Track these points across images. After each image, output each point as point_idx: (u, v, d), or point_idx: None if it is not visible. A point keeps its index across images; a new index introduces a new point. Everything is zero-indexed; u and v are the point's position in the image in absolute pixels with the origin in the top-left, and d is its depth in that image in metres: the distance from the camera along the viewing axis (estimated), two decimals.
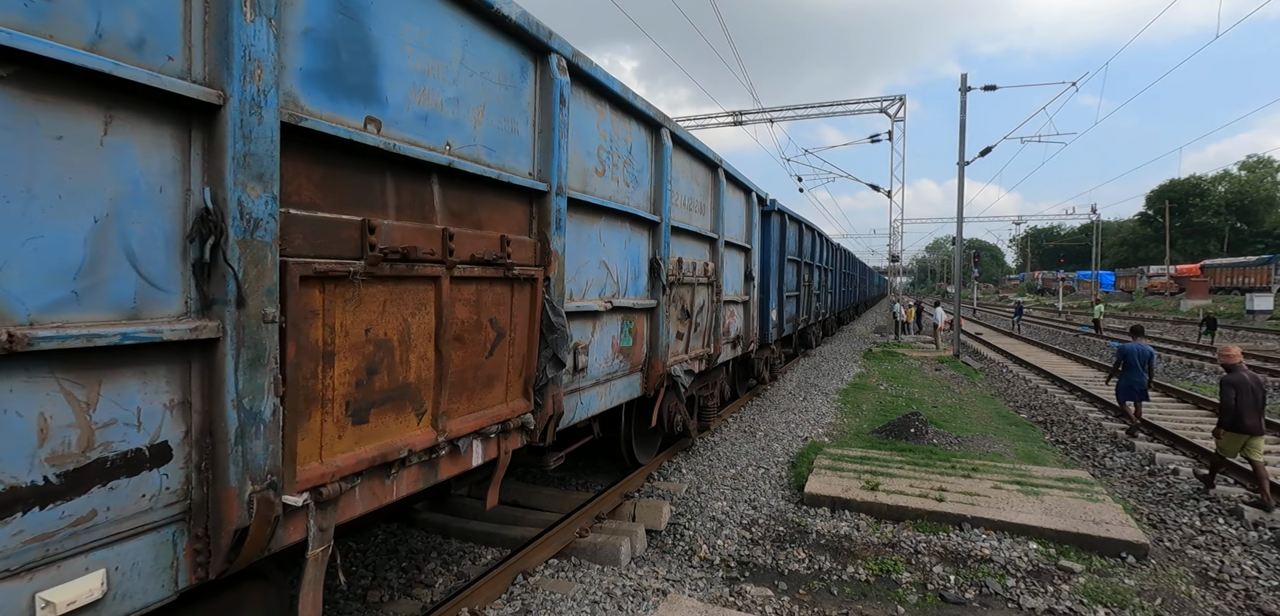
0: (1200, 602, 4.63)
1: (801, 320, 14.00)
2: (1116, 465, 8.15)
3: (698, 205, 6.83)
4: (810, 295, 15.03)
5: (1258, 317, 34.29)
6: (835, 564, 5.08)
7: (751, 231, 8.92)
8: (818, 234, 15.95)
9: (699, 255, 6.84)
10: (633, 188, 5.20)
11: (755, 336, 9.35)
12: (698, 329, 6.79)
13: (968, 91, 17.84)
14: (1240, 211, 64.55)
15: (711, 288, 7.07)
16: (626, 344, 5.24)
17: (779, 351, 12.73)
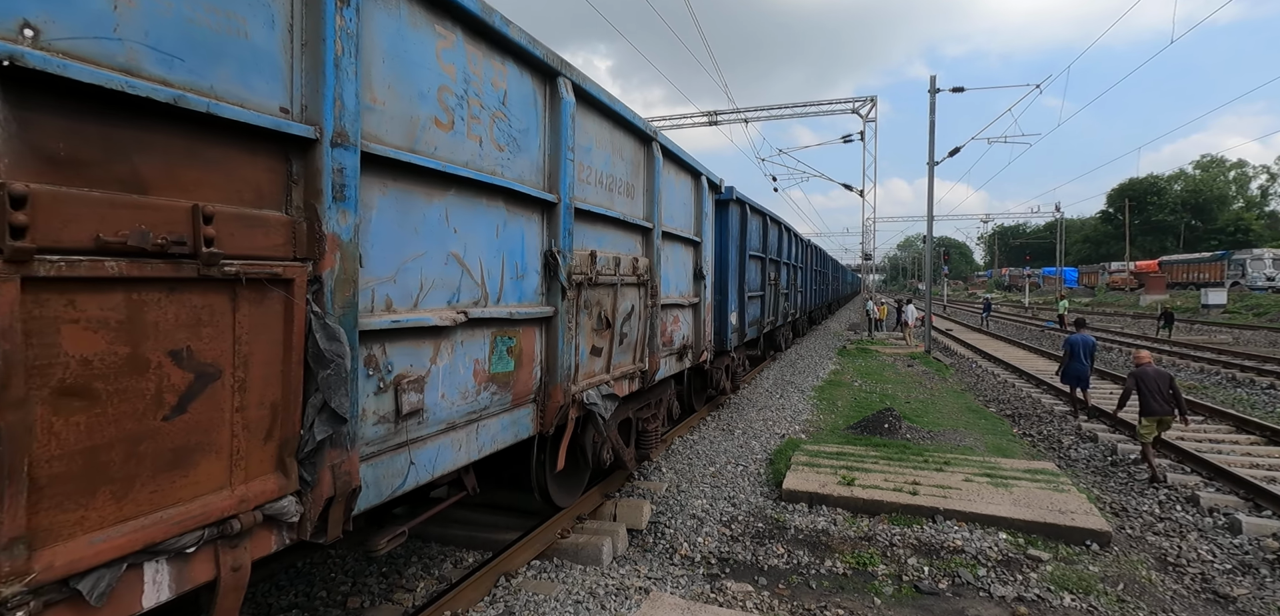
0: (1160, 587, 4.83)
1: (767, 322, 12.87)
2: (1081, 456, 8.42)
3: (623, 186, 5.34)
4: (777, 295, 13.82)
5: (1212, 311, 35.63)
6: (813, 558, 5.18)
7: (701, 222, 7.46)
8: (785, 228, 14.79)
9: (625, 248, 5.38)
10: (510, 153, 3.79)
11: (710, 343, 7.97)
12: (625, 341, 5.37)
13: (937, 93, 18.23)
14: (1195, 209, 66.97)
15: (644, 289, 5.70)
16: (503, 368, 3.82)
17: (741, 357, 11.28)
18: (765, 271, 12.24)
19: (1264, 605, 4.60)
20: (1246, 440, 8.95)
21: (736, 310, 10.04)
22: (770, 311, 13.11)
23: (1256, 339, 24.21)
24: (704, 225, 7.59)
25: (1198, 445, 8.57)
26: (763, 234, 12.00)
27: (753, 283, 11.13)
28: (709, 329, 7.93)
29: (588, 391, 4.71)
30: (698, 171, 7.39)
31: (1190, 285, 48.02)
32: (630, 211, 5.50)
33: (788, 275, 15.51)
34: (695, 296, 7.40)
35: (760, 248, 11.76)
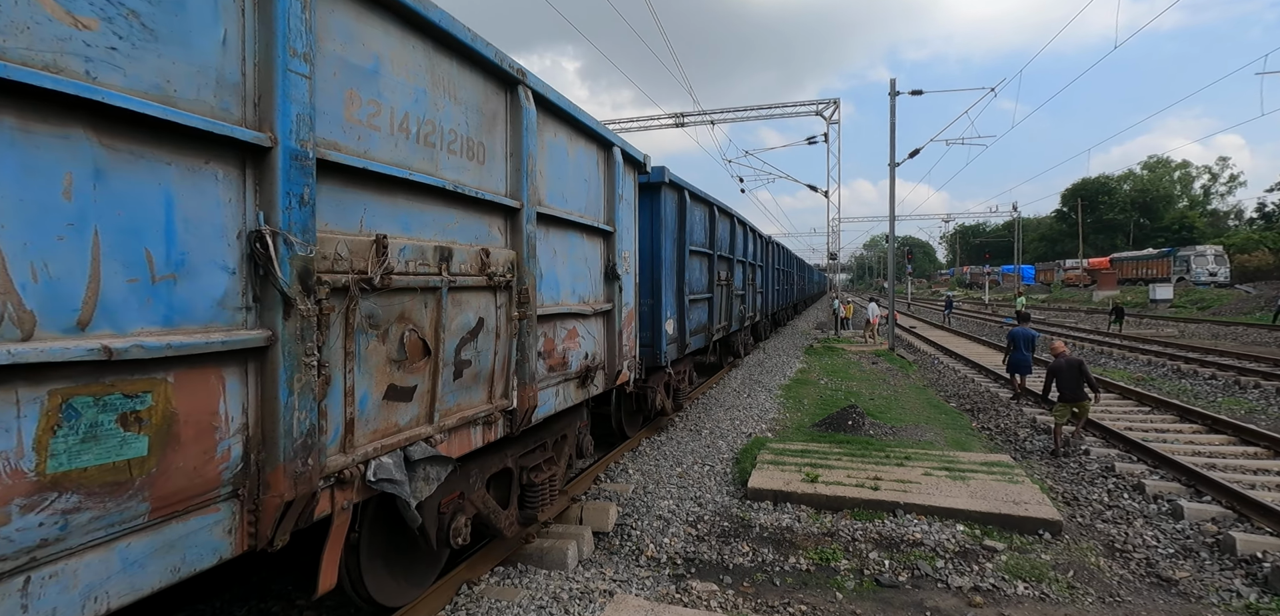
0: (1108, 572, 5.01)
1: (719, 328, 11.27)
2: (1036, 448, 8.69)
3: (463, 144, 3.64)
4: (729, 297, 12.18)
5: (1159, 306, 37.16)
6: (778, 555, 5.23)
7: (616, 207, 5.77)
8: (738, 221, 13.01)
9: (465, 235, 3.67)
10: (128, 40, 2.01)
11: (634, 359, 6.43)
12: (469, 371, 3.71)
13: (897, 96, 18.63)
14: (1143, 208, 69.76)
15: (504, 293, 3.97)
16: (106, 457, 1.99)
17: (685, 371, 9.89)
18: (714, 270, 10.66)
19: (1203, 587, 4.80)
20: (1189, 429, 9.34)
21: (674, 317, 8.52)
22: (722, 315, 11.54)
23: (1200, 332, 25.33)
24: (620, 211, 5.87)
25: (1144, 435, 8.92)
26: (709, 227, 10.48)
27: (696, 283, 9.66)
28: (631, 341, 6.31)
29: (380, 459, 2.98)
30: (607, 141, 5.64)
31: (1139, 281, 50.00)
32: (475, 181, 3.71)
33: (744, 274, 13.97)
34: (607, 301, 5.69)
35: (706, 242, 10.32)
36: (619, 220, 5.84)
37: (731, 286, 12.31)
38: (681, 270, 8.80)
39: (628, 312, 6.19)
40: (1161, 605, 4.55)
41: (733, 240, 12.36)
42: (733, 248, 12.36)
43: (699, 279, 9.91)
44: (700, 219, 9.95)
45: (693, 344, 9.50)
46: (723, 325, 11.62)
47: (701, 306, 10.14)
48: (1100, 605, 4.51)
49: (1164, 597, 4.67)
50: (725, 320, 11.84)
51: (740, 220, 13.25)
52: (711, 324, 10.73)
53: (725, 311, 11.86)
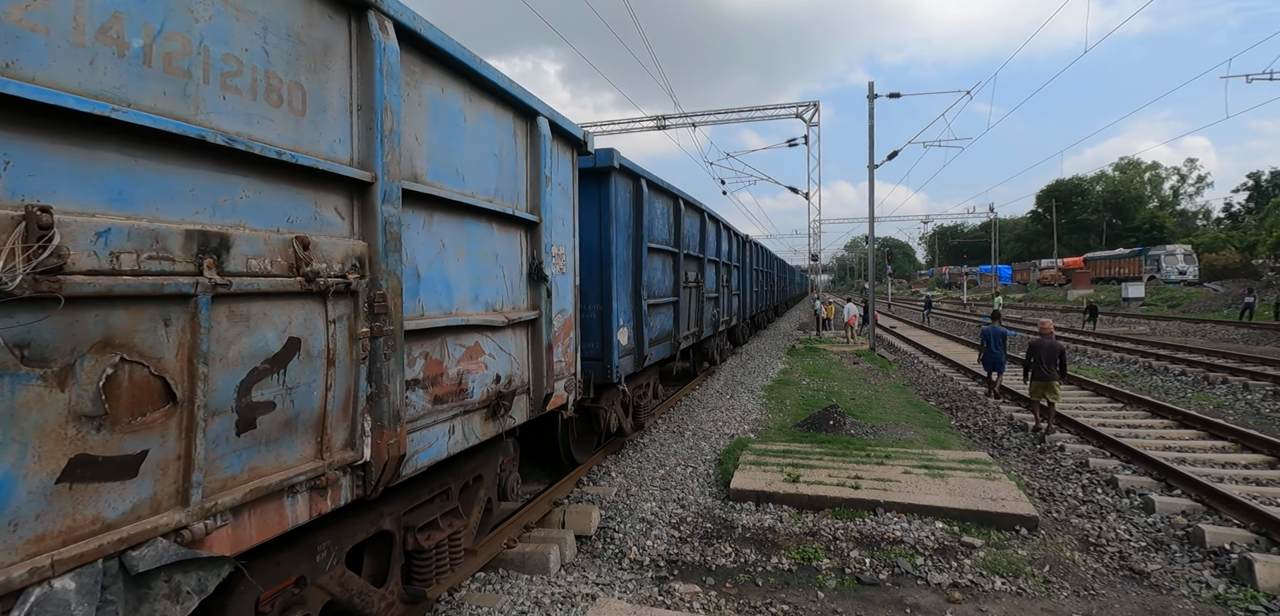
0: (1082, 566, 5.10)
1: (688, 335, 10.10)
2: (1013, 445, 8.83)
3: (256, 77, 2.47)
4: (700, 300, 10.90)
5: (1131, 304, 38.01)
6: (760, 556, 5.25)
7: (542, 192, 4.63)
8: (709, 217, 11.77)
9: (258, 215, 2.49)
10: None
11: (571, 377, 5.27)
12: (265, 422, 2.47)
13: (875, 98, 18.85)
14: (1115, 208, 71.30)
15: (340, 302, 2.79)
16: None
17: (647, 384, 8.84)
18: (680, 271, 9.43)
19: (1174, 579, 4.91)
20: (1161, 424, 9.55)
21: (629, 324, 7.30)
22: (691, 321, 10.35)
23: (1171, 329, 25.94)
24: (550, 197, 4.72)
25: (1117, 431, 9.10)
26: (673, 222, 9.32)
27: (659, 285, 8.48)
28: (569, 356, 5.20)
29: (44, 586, 1.77)
30: (528, 107, 4.45)
31: (1112, 279, 51.07)
32: (286, 137, 2.59)
33: (718, 276, 12.77)
34: (531, 309, 4.53)
35: (670, 239, 9.18)
36: (548, 208, 4.65)
37: (702, 289, 11.06)
38: (639, 271, 7.57)
39: (563, 321, 5.04)
40: (1134, 597, 4.64)
41: (703, 238, 11.18)
42: (703, 246, 11.17)
43: (662, 280, 8.76)
44: (663, 213, 8.79)
45: (655, 354, 8.28)
46: (692, 331, 10.46)
47: (665, 311, 8.94)
48: (1075, 598, 4.59)
49: (1136, 590, 4.77)
50: (695, 325, 10.62)
51: (711, 216, 12.07)
52: (678, 331, 9.47)
53: (695, 316, 10.67)
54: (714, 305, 12.56)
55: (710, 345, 13.59)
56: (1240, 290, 32.85)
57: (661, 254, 8.74)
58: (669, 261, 9.16)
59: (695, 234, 10.72)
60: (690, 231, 10.33)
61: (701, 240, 11.10)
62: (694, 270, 10.65)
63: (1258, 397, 11.56)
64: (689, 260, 10.23)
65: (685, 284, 9.92)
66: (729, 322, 14.68)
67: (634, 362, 7.52)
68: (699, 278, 10.94)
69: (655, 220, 8.38)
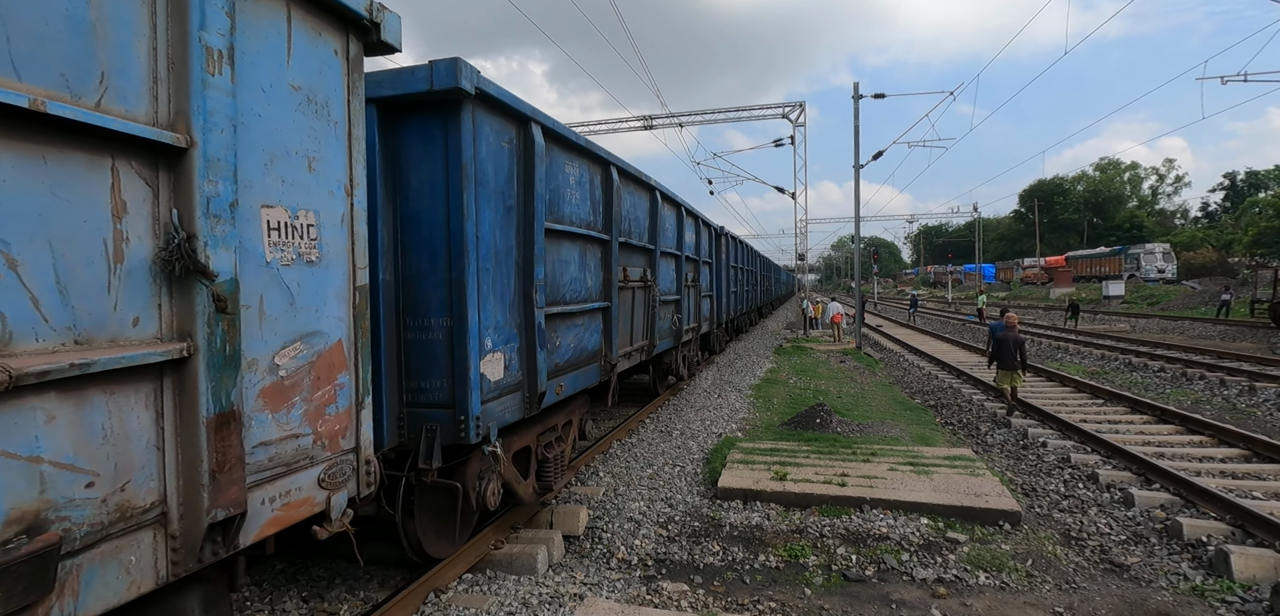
0: (1064, 560, 5.17)
1: (632, 351, 7.55)
2: (996, 441, 8.93)
3: None
4: (649, 305, 8.10)
5: (1112, 302, 38.61)
6: (748, 554, 5.27)
7: (199, 84, 2.27)
8: (666, 198, 9.05)
9: None
10: None
11: (345, 460, 3.07)
12: None
13: (860, 99, 18.99)
14: (1096, 208, 72.42)
15: None
16: None
17: (578, 419, 6.60)
18: (612, 267, 6.61)
19: (1153, 571, 5.00)
20: (1140, 420, 9.71)
21: (507, 347, 4.64)
22: (638, 332, 7.82)
23: (1150, 326, 26.39)
24: (239, 101, 2.47)
25: (1098, 426, 9.24)
26: (601, 197, 6.50)
27: (571, 286, 5.78)
28: (339, 419, 3.04)
29: None
30: None
31: (1093, 278, 51.85)
32: None
33: (681, 274, 10.06)
34: (167, 340, 2.26)
35: (593, 221, 6.29)
36: (234, 123, 2.41)
37: (653, 290, 8.22)
38: (528, 263, 4.84)
39: (313, 356, 2.87)
40: (1115, 590, 4.72)
41: (656, 225, 8.35)
42: (656, 235, 8.35)
43: (579, 280, 5.95)
44: (580, 182, 5.96)
45: (569, 385, 5.68)
46: (640, 345, 7.88)
47: (585, 323, 6.09)
48: (1057, 592, 4.66)
49: (1117, 582, 4.84)
50: (644, 338, 8.06)
51: (670, 199, 9.34)
52: (611, 347, 6.62)
53: (644, 325, 8.03)
54: (675, 310, 9.90)
55: (672, 358, 10.79)
56: (1217, 288, 33.47)
57: (578, 240, 5.88)
58: (594, 252, 6.29)
59: (641, 219, 7.92)
60: (633, 214, 7.52)
61: (653, 228, 8.27)
62: (641, 266, 7.85)
63: (1234, 392, 11.79)
64: (630, 252, 7.41)
65: (626, 285, 7.19)
66: (698, 329, 11.98)
67: (521, 404, 4.78)
68: (652, 277, 8.13)
69: (564, 190, 5.59)
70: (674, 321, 9.95)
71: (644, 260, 8.11)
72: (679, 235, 10.09)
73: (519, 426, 5.09)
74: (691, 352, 12.56)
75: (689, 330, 11.02)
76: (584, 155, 6.06)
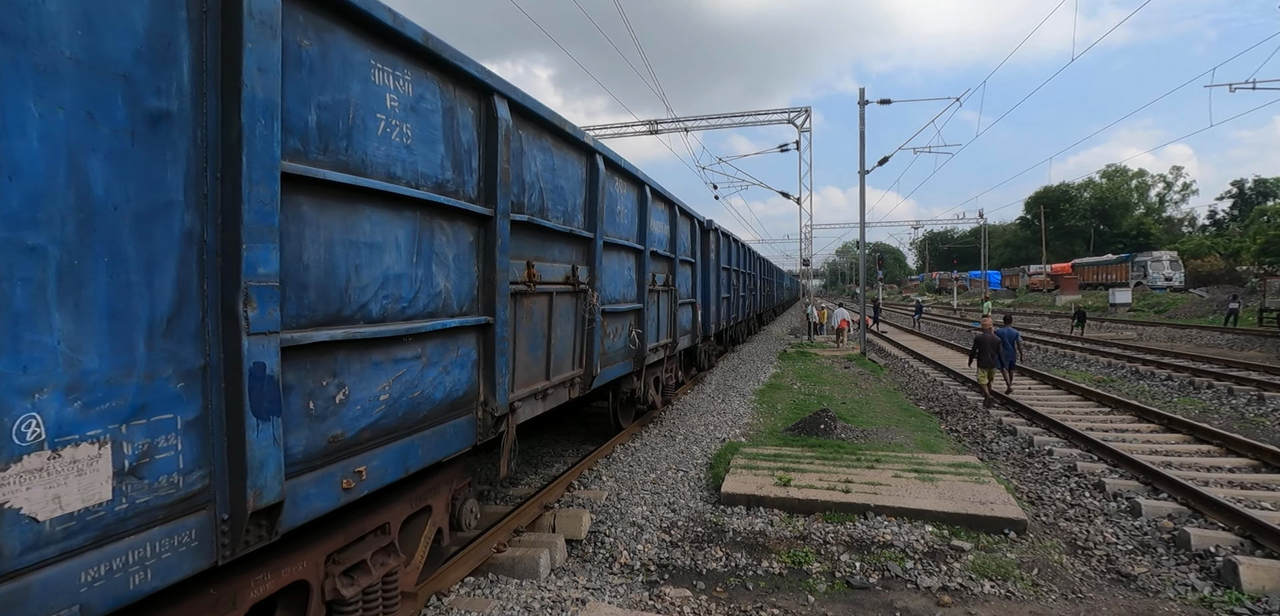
0: (1070, 569, 5.13)
1: (551, 383, 5.28)
2: (1002, 449, 8.88)
3: None
4: (578, 322, 5.84)
5: (1118, 309, 38.39)
6: (751, 560, 5.25)
7: None
8: (612, 164, 6.54)
9: None
10: None
11: None
12: None
13: (866, 105, 18.96)
14: (1102, 215, 72.11)
15: None
16: None
17: None
18: (496, 259, 4.15)
19: (1161, 581, 4.95)
20: (1147, 428, 9.64)
21: (120, 426, 2.04)
22: (569, 358, 5.72)
23: (1157, 334, 26.22)
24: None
25: (1104, 434, 9.18)
26: (486, 148, 4.11)
27: (384, 290, 3.22)
28: None
29: None
30: None
31: (1100, 285, 51.58)
32: None
33: (643, 276, 7.63)
34: None
35: (456, 181, 3.80)
36: None
37: (593, 297, 5.95)
38: (229, 241, 2.35)
39: None
40: (1121, 600, 4.67)
41: (600, 206, 6.04)
42: (599, 219, 6.04)
43: (408, 279, 3.42)
44: (418, 109, 3.45)
45: (389, 464, 3.25)
46: (568, 375, 5.64)
47: (431, 354, 3.60)
48: (1063, 602, 4.61)
49: (1124, 593, 4.80)
50: (578, 365, 5.90)
51: (629, 174, 7.04)
52: (492, 388, 4.15)
53: (576, 347, 5.84)
54: (634, 322, 7.50)
55: (635, 384, 8.18)
56: (1225, 296, 33.25)
57: (406, 211, 3.38)
58: (453, 234, 3.80)
59: (570, 192, 5.54)
60: (550, 183, 5.14)
61: (592, 208, 5.93)
62: (564, 259, 5.47)
63: (1243, 402, 11.69)
64: (544, 239, 5.07)
65: (525, 287, 4.69)
66: (673, 345, 9.48)
67: (204, 543, 2.31)
68: (578, 275, 5.71)
69: (366, 113, 3.09)
70: (633, 338, 7.46)
71: (574, 253, 5.63)
72: (640, 223, 7.57)
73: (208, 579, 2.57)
74: (666, 373, 9.95)
75: (659, 347, 8.68)
76: (428, 64, 3.49)
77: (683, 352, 11.42)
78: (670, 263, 9.24)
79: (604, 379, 6.65)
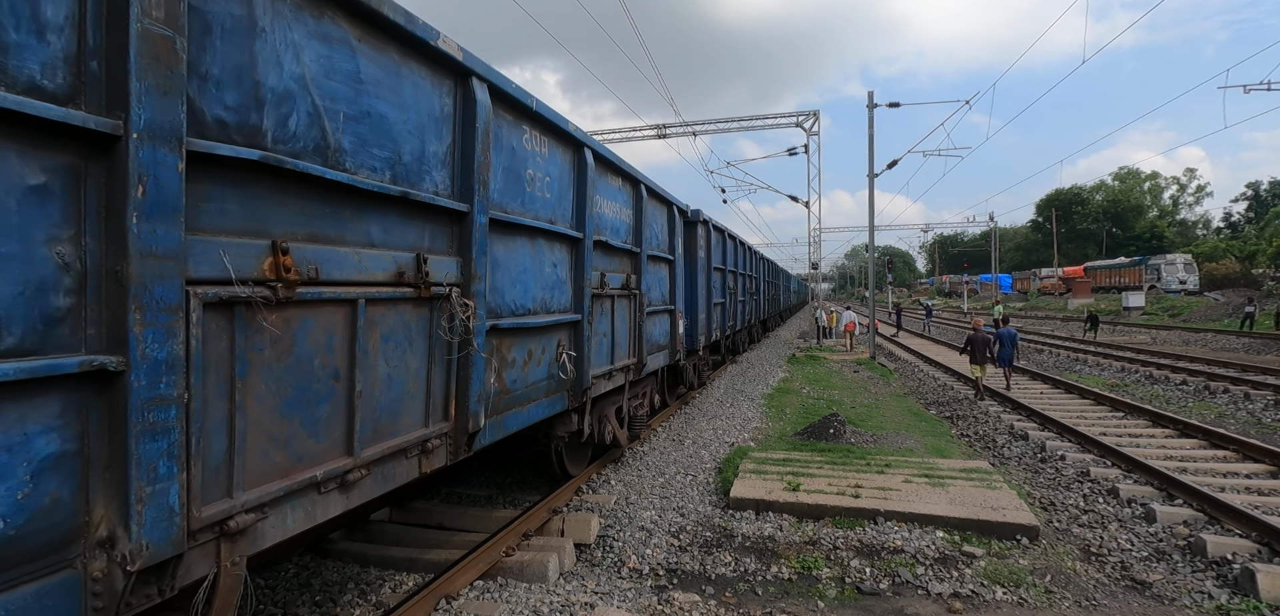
0: (1084, 576, 5.07)
1: (356, 465, 3.04)
2: (1013, 454, 8.80)
3: None
4: (424, 354, 3.58)
5: (1132, 313, 37.97)
6: (760, 565, 5.22)
7: None
8: (492, 93, 4.08)
9: None
10: None
11: None
12: None
13: (875, 107, 18.90)
14: (1115, 218, 71.39)
15: None
16: None
17: None
18: None
19: (1176, 589, 4.88)
20: (1161, 434, 9.52)
21: None
22: (385, 419, 3.33)
23: (1171, 338, 25.91)
24: None
25: (1118, 440, 9.07)
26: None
27: None
28: None
29: None
30: None
31: (1112, 289, 51.04)
32: None
33: (580, 274, 5.66)
34: None
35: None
36: None
37: (469, 310, 3.83)
38: None
39: None
40: (1136, 608, 4.61)
41: (470, 158, 3.86)
42: (482, 177, 3.94)
43: None
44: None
45: None
46: (394, 445, 3.38)
47: None
48: (1077, 609, 4.56)
49: (1139, 600, 4.74)
50: (428, 417, 3.68)
51: (529, 109, 4.59)
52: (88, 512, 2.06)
53: (430, 393, 3.66)
54: (564, 342, 5.42)
55: (568, 426, 6.07)
56: (1241, 299, 32.83)
57: None
58: None
59: (416, 127, 3.48)
60: (354, 101, 3.05)
61: (468, 160, 3.88)
62: (402, 246, 3.42)
63: (1259, 407, 11.53)
64: (375, 214, 3.21)
65: (283, 293, 2.66)
66: (639, 366, 7.34)
67: None
68: (464, 269, 3.87)
69: None
70: (565, 367, 5.38)
71: (419, 232, 3.54)
72: (578, 201, 5.56)
73: None
74: (636, 400, 8.04)
75: (616, 369, 6.64)
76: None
77: (665, 370, 9.71)
78: (632, 259, 7.16)
79: (509, 428, 4.56)
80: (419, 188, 3.49)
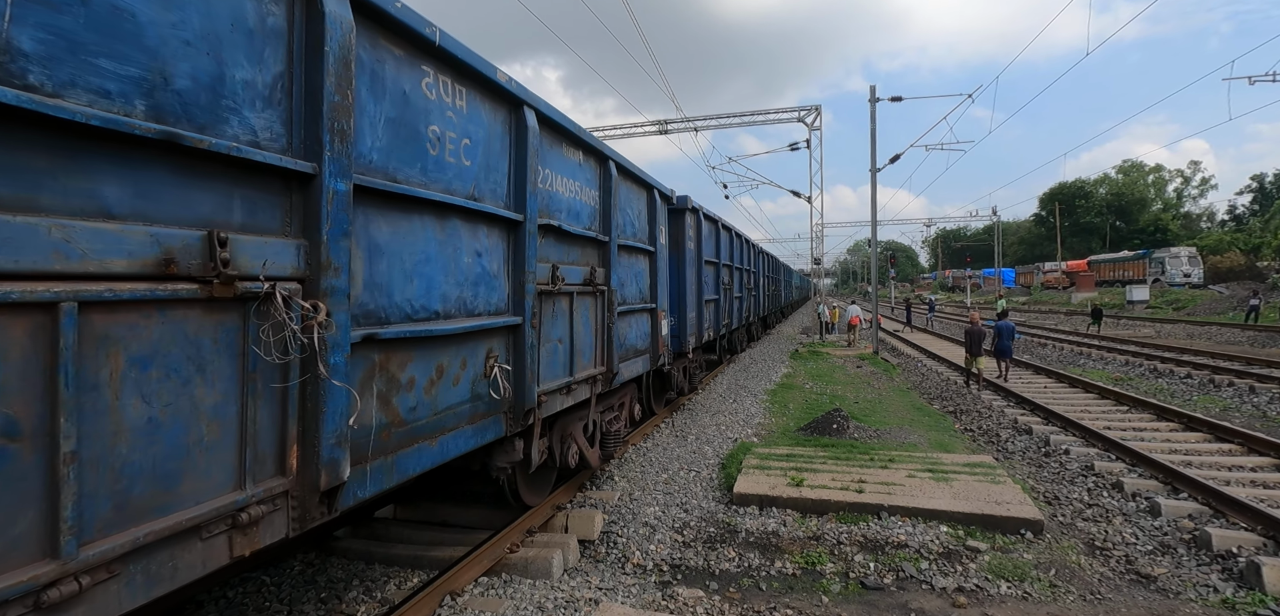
0: (1088, 570, 5.06)
1: None
2: (1017, 448, 8.78)
3: None
4: None
5: (1136, 307, 37.87)
6: (764, 560, 5.23)
7: None
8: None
9: None
10: None
11: None
12: None
13: (877, 102, 18.84)
14: (1119, 211, 71.18)
15: None
16: None
17: None
18: None
19: (1181, 583, 4.87)
20: (1166, 427, 9.50)
21: None
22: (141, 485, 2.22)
23: (1176, 332, 25.83)
24: None
25: (1122, 433, 9.05)
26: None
27: None
28: None
29: None
30: None
31: (1116, 283, 50.92)
32: None
33: (515, 268, 4.47)
34: None
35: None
36: None
37: (306, 317, 2.64)
38: None
39: None
40: (1141, 601, 4.61)
41: (319, 100, 2.70)
42: (319, 135, 2.71)
43: None
44: None
45: None
46: (268, 485, 2.60)
47: None
48: (1082, 603, 4.56)
49: (1144, 594, 4.73)
50: (296, 463, 2.71)
51: (436, 48, 3.48)
52: None
53: (289, 435, 2.67)
54: (495, 352, 4.25)
55: (511, 455, 4.82)
56: (1245, 292, 32.70)
57: None
58: None
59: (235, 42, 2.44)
60: None
61: (310, 105, 2.72)
62: (188, 220, 2.31)
63: (1265, 400, 11.49)
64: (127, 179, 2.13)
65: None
66: (608, 376, 6.27)
67: None
68: (313, 255, 2.72)
69: None
70: (497, 383, 4.22)
71: (214, 199, 2.40)
72: (517, 175, 4.48)
73: None
74: (611, 414, 7.14)
75: (577, 382, 5.51)
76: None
77: (648, 376, 8.72)
78: (598, 248, 6.11)
79: (408, 471, 3.40)
80: (211, 131, 2.35)
